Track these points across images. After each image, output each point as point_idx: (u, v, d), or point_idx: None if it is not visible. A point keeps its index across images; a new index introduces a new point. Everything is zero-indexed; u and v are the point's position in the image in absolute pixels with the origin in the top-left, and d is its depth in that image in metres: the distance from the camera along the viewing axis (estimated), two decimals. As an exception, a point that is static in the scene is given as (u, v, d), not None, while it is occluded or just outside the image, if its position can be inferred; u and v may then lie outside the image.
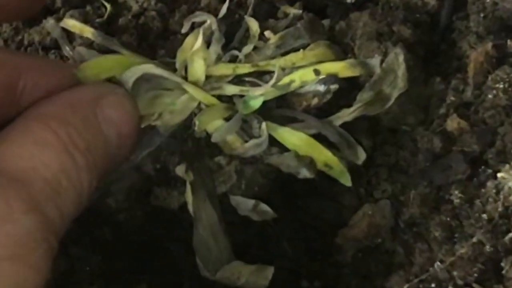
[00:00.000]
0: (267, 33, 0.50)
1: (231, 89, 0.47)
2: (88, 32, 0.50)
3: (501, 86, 0.47)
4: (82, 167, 0.34)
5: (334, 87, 0.47)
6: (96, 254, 0.49)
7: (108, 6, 0.56)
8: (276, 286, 0.45)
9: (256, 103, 0.46)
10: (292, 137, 0.46)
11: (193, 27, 0.51)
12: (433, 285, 0.43)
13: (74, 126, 0.35)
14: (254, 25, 0.50)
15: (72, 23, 0.51)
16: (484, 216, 0.44)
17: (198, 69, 0.47)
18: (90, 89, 0.39)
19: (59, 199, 0.33)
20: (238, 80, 0.48)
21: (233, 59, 0.49)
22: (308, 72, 0.47)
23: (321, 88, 0.47)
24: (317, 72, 0.47)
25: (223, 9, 0.52)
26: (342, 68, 0.47)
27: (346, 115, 0.47)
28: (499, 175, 0.45)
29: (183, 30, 0.51)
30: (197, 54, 0.47)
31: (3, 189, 0.31)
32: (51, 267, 0.32)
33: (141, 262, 0.49)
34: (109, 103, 0.38)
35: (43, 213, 0.31)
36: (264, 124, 0.45)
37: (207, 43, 0.48)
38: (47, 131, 0.34)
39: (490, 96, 0.48)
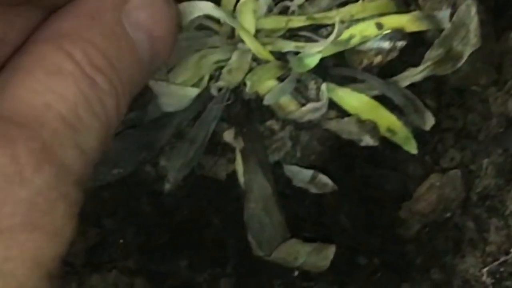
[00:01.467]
0: (321, -19, 0.44)
1: (284, 45, 0.42)
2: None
3: None
4: (106, 91, 0.28)
5: (401, 43, 0.42)
6: (132, 226, 0.44)
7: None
8: (331, 263, 0.41)
9: (313, 61, 0.41)
10: (353, 99, 0.42)
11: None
12: (515, 268, 0.39)
13: (93, 42, 0.28)
14: (306, -28, 0.45)
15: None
16: None
17: (247, 22, 0.41)
18: None
19: (78, 136, 0.27)
20: (290, 34, 0.43)
21: (284, 11, 0.43)
22: (369, 26, 0.42)
23: (386, 44, 0.42)
24: (379, 26, 0.42)
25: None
26: (407, 22, 0.42)
27: (414, 75, 0.42)
28: None
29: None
30: (245, 5, 0.41)
31: (10, 142, 0.25)
32: (75, 225, 0.27)
33: (183, 236, 0.45)
34: (136, 3, 0.31)
35: (58, 162, 0.26)
36: (324, 85, 0.41)
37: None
38: (59, 55, 0.28)
39: None
